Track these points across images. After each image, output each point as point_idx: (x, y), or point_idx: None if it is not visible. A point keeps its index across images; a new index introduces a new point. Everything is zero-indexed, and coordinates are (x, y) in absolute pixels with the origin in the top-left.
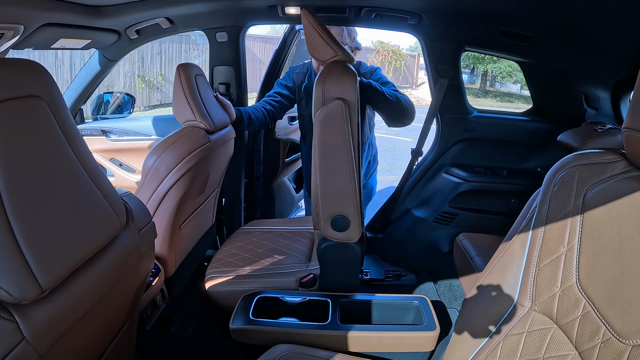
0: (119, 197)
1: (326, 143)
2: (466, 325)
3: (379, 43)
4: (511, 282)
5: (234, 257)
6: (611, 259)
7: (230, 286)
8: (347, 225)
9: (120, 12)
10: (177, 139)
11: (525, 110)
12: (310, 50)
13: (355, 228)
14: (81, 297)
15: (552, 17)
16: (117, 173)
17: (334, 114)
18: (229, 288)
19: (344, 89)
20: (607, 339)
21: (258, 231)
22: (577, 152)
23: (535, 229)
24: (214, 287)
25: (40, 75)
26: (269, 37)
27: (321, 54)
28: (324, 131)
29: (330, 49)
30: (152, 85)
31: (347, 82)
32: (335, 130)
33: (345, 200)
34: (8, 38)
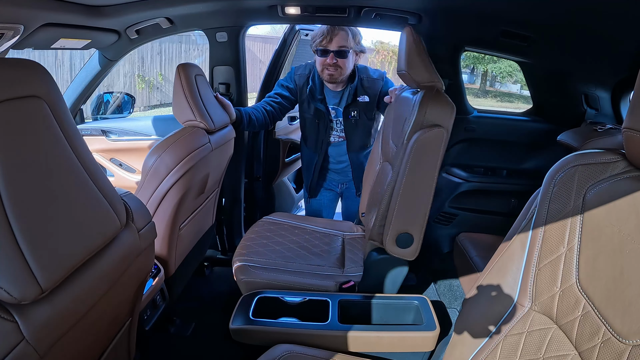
0: (119, 197)
1: (418, 166)
2: (466, 325)
3: (379, 43)
4: (511, 282)
5: (264, 247)
6: (611, 259)
7: (262, 276)
8: (410, 244)
9: (120, 12)
10: (177, 139)
11: (525, 110)
12: (408, 67)
13: (416, 247)
14: (81, 297)
15: (552, 17)
16: (117, 173)
17: (434, 140)
18: (262, 279)
19: (445, 117)
20: (607, 339)
21: (287, 225)
22: (577, 152)
23: (535, 229)
24: (244, 276)
25: (40, 75)
26: (269, 37)
27: (419, 76)
28: (419, 155)
29: (430, 74)
30: (152, 85)
31: (449, 112)
32: (431, 156)
33: (417, 220)
34: (8, 38)
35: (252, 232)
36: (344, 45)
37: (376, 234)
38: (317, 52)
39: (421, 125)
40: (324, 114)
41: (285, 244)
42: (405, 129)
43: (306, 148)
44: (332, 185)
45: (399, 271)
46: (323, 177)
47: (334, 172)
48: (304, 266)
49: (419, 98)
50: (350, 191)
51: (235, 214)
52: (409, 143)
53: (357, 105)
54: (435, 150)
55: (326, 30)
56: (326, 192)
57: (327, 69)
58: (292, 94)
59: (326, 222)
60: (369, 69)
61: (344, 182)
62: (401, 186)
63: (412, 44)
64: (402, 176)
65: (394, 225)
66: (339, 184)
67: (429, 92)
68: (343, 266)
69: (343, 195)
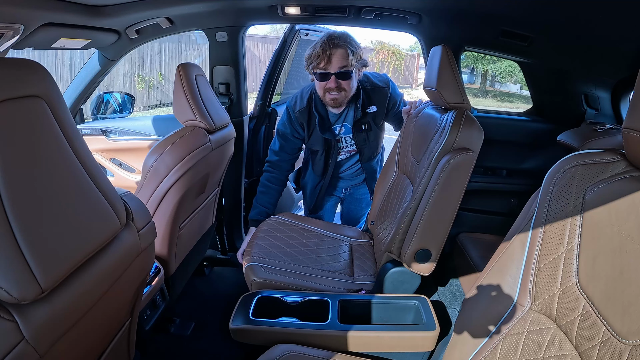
0: (118, 197)
1: (446, 188)
2: (466, 325)
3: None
4: (511, 282)
5: (275, 248)
6: (611, 259)
7: (274, 277)
8: (428, 259)
9: (120, 12)
10: (177, 139)
11: (525, 110)
12: (439, 85)
13: (433, 263)
14: (81, 297)
15: (552, 17)
16: (117, 173)
17: (465, 165)
18: (273, 280)
19: (476, 141)
20: (607, 339)
21: (295, 226)
22: (577, 152)
23: (535, 229)
24: (256, 277)
25: (40, 75)
26: (269, 37)
27: (450, 96)
28: (448, 177)
29: (462, 95)
30: (152, 85)
31: (479, 136)
32: (460, 179)
33: (438, 238)
34: (8, 38)
35: (262, 231)
36: (344, 65)
37: (395, 248)
38: (315, 75)
39: (451, 147)
40: (332, 141)
41: (296, 246)
42: (433, 147)
43: (312, 174)
44: (336, 191)
45: (412, 284)
46: (328, 191)
47: (341, 179)
48: (314, 270)
49: (451, 120)
50: (352, 197)
51: (235, 214)
52: (439, 164)
53: (366, 116)
54: (465, 173)
55: (321, 50)
56: (328, 197)
57: (329, 93)
58: (302, 136)
59: (333, 226)
60: (372, 76)
61: (348, 188)
62: (426, 205)
63: (447, 63)
64: (429, 196)
65: (415, 241)
66: (342, 190)
67: (460, 114)
68: (352, 273)
69: (345, 200)
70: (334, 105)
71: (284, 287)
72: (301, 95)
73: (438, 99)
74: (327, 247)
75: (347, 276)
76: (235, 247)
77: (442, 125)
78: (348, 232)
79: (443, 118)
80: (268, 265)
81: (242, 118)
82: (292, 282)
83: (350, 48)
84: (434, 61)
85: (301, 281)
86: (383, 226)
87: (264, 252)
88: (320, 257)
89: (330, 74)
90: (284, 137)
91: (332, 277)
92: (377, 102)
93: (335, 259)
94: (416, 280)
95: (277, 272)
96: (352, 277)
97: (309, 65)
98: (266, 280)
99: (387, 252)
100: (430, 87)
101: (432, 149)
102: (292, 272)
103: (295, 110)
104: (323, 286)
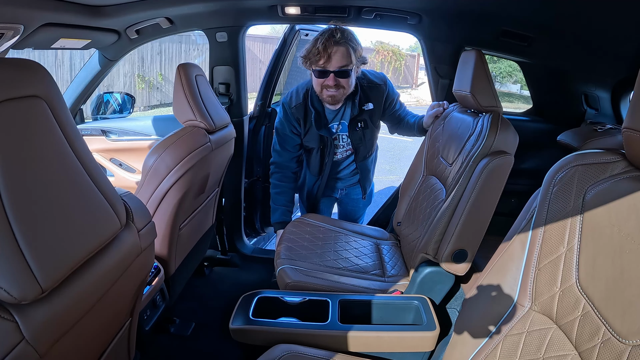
0: (119, 197)
1: (485, 190)
2: (466, 325)
3: (379, 43)
4: (511, 282)
5: (306, 250)
6: (611, 259)
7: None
8: (464, 259)
9: (120, 12)
10: (177, 139)
11: (525, 110)
12: (473, 89)
13: (468, 263)
14: (81, 297)
15: (552, 17)
16: (117, 173)
17: (503, 168)
18: (307, 282)
19: (512, 144)
20: (607, 339)
21: (322, 227)
22: (577, 152)
23: (535, 229)
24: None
25: (40, 75)
26: (269, 37)
27: (484, 100)
28: (487, 180)
29: (495, 99)
30: (152, 85)
31: (515, 139)
32: (498, 182)
33: (475, 238)
34: (8, 38)
35: (289, 232)
36: (345, 64)
37: (432, 249)
38: (313, 72)
39: (489, 150)
40: (328, 139)
41: (325, 247)
42: (470, 150)
43: (308, 174)
44: (332, 192)
45: (446, 284)
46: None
47: (339, 180)
48: (346, 271)
49: (487, 123)
50: (349, 197)
51: (236, 214)
52: (477, 167)
53: (362, 114)
54: (503, 176)
55: (322, 47)
56: (324, 198)
57: (327, 90)
58: (299, 132)
59: (357, 227)
60: (369, 74)
61: (344, 188)
62: (465, 207)
63: (481, 67)
64: (467, 198)
65: (452, 242)
66: (338, 190)
67: (496, 117)
68: (384, 274)
69: (341, 200)
70: (331, 102)
71: (320, 288)
72: (297, 91)
73: (470, 102)
74: (354, 247)
75: (379, 277)
76: (236, 247)
77: (478, 128)
78: (372, 232)
79: (477, 121)
80: (300, 267)
81: (242, 118)
82: (327, 284)
83: (352, 46)
84: (466, 65)
85: (336, 283)
86: (412, 227)
87: (294, 254)
88: (350, 257)
89: (329, 72)
90: (282, 135)
91: (365, 277)
92: (373, 99)
93: (364, 259)
94: (450, 280)
95: (311, 275)
96: (384, 278)
97: (305, 61)
98: (301, 283)
99: (423, 253)
100: (463, 90)
101: (469, 152)
102: (325, 273)
103: (291, 106)
104: (357, 287)
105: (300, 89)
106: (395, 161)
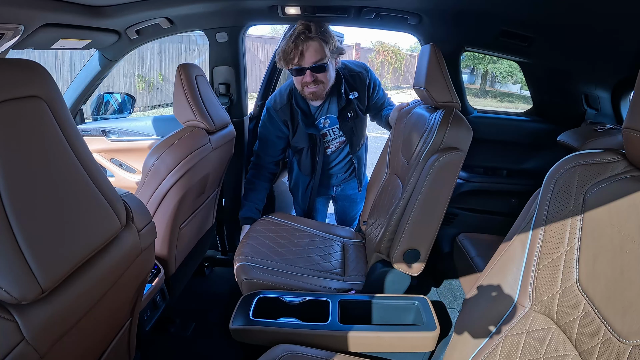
0: (119, 197)
1: (434, 188)
2: (466, 326)
3: (379, 43)
4: (511, 282)
5: (266, 247)
6: (611, 259)
7: (264, 277)
8: (416, 260)
9: (120, 13)
10: (177, 139)
11: (525, 110)
12: (427, 84)
13: (422, 264)
14: (81, 297)
15: (552, 17)
16: (117, 173)
17: (453, 164)
18: (264, 280)
19: (464, 140)
20: (607, 339)
21: (287, 226)
22: (577, 152)
23: (535, 229)
24: (246, 276)
25: (40, 76)
26: (269, 37)
27: (439, 95)
28: (436, 177)
29: (450, 94)
30: (152, 86)
31: (467, 135)
32: (448, 179)
33: (426, 238)
34: (8, 38)
35: (254, 230)
36: (319, 59)
37: (384, 248)
38: (290, 71)
39: (439, 146)
40: (317, 136)
41: (287, 245)
42: (421, 147)
43: (301, 175)
44: (327, 190)
45: (402, 284)
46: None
47: (332, 175)
48: (305, 270)
49: (439, 119)
50: (345, 192)
51: (236, 215)
52: (426, 164)
53: (350, 103)
54: (453, 173)
55: (293, 45)
56: (319, 198)
57: (307, 88)
58: (286, 135)
59: (325, 226)
60: (349, 64)
61: (339, 184)
62: (414, 205)
63: (435, 61)
64: (417, 196)
65: (403, 241)
66: (333, 187)
67: (449, 113)
68: (344, 273)
69: (337, 198)
70: (313, 98)
71: (274, 287)
72: (280, 93)
73: (427, 98)
74: (319, 247)
75: (338, 276)
76: (236, 247)
77: (430, 124)
78: (340, 232)
79: (432, 117)
80: (259, 265)
81: (242, 118)
82: (282, 281)
83: (323, 39)
84: (423, 60)
85: (292, 281)
86: (374, 226)
87: (254, 251)
88: (311, 257)
89: (305, 69)
90: (265, 139)
91: (323, 276)
92: (358, 87)
93: (327, 259)
94: (406, 281)
95: (268, 272)
96: (344, 277)
97: (280, 60)
98: (256, 280)
99: (377, 252)
100: (419, 86)
101: (421, 149)
102: (283, 271)
103: (276, 109)
104: (314, 286)
105: (283, 91)
106: None
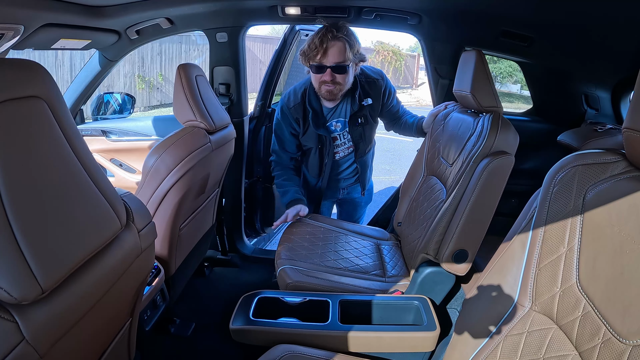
0: (119, 197)
1: (486, 191)
2: (466, 326)
3: (379, 43)
4: (511, 282)
5: (306, 250)
6: (611, 259)
7: (309, 280)
8: (464, 259)
9: (120, 13)
10: (177, 139)
11: (525, 110)
12: (473, 89)
13: (469, 264)
14: (81, 297)
15: (552, 17)
16: (117, 173)
17: (504, 168)
18: (307, 282)
19: (512, 144)
20: (607, 339)
21: (322, 228)
22: (577, 153)
23: (535, 229)
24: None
25: (40, 76)
26: (269, 37)
27: (485, 100)
28: (488, 180)
29: (495, 99)
30: (152, 86)
31: (516, 139)
32: (499, 182)
33: (476, 239)
34: (8, 38)
35: (290, 233)
36: (341, 60)
37: (432, 249)
38: (310, 67)
39: (490, 150)
40: (326, 138)
41: (324, 247)
42: (470, 150)
43: (308, 176)
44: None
45: (447, 284)
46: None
47: (341, 180)
48: (346, 272)
49: (488, 124)
50: (350, 196)
51: (236, 215)
52: (478, 167)
53: (363, 109)
54: (504, 176)
55: (319, 42)
56: (324, 201)
57: (324, 86)
58: (298, 132)
59: (358, 227)
60: (367, 70)
61: (345, 188)
62: (465, 207)
63: (481, 66)
64: (468, 198)
65: (453, 242)
66: (340, 190)
67: (497, 118)
68: (384, 274)
69: (341, 201)
70: (328, 97)
71: (320, 289)
72: (294, 91)
73: (471, 102)
74: (355, 247)
75: (379, 277)
76: (236, 247)
77: (479, 128)
78: (372, 232)
79: (477, 121)
80: (300, 268)
81: (242, 118)
82: (327, 284)
83: (349, 42)
84: (467, 66)
85: (336, 283)
86: (412, 227)
87: (294, 254)
88: (349, 258)
89: (325, 67)
90: (281, 137)
91: (364, 278)
92: (372, 94)
93: (364, 260)
94: (451, 281)
95: (311, 275)
96: (385, 278)
97: (304, 57)
98: (301, 283)
99: (424, 253)
100: (463, 90)
101: (469, 152)
102: (325, 273)
103: (289, 107)
104: (357, 287)
105: (298, 89)
106: (394, 161)
